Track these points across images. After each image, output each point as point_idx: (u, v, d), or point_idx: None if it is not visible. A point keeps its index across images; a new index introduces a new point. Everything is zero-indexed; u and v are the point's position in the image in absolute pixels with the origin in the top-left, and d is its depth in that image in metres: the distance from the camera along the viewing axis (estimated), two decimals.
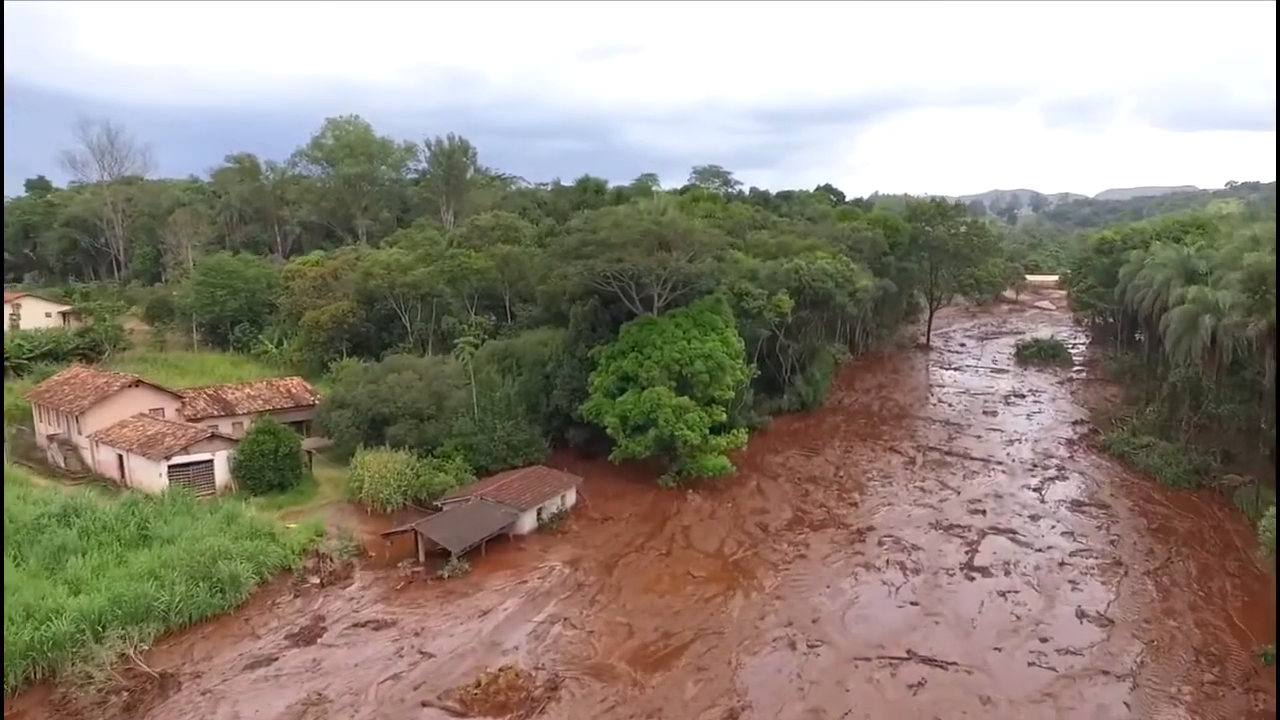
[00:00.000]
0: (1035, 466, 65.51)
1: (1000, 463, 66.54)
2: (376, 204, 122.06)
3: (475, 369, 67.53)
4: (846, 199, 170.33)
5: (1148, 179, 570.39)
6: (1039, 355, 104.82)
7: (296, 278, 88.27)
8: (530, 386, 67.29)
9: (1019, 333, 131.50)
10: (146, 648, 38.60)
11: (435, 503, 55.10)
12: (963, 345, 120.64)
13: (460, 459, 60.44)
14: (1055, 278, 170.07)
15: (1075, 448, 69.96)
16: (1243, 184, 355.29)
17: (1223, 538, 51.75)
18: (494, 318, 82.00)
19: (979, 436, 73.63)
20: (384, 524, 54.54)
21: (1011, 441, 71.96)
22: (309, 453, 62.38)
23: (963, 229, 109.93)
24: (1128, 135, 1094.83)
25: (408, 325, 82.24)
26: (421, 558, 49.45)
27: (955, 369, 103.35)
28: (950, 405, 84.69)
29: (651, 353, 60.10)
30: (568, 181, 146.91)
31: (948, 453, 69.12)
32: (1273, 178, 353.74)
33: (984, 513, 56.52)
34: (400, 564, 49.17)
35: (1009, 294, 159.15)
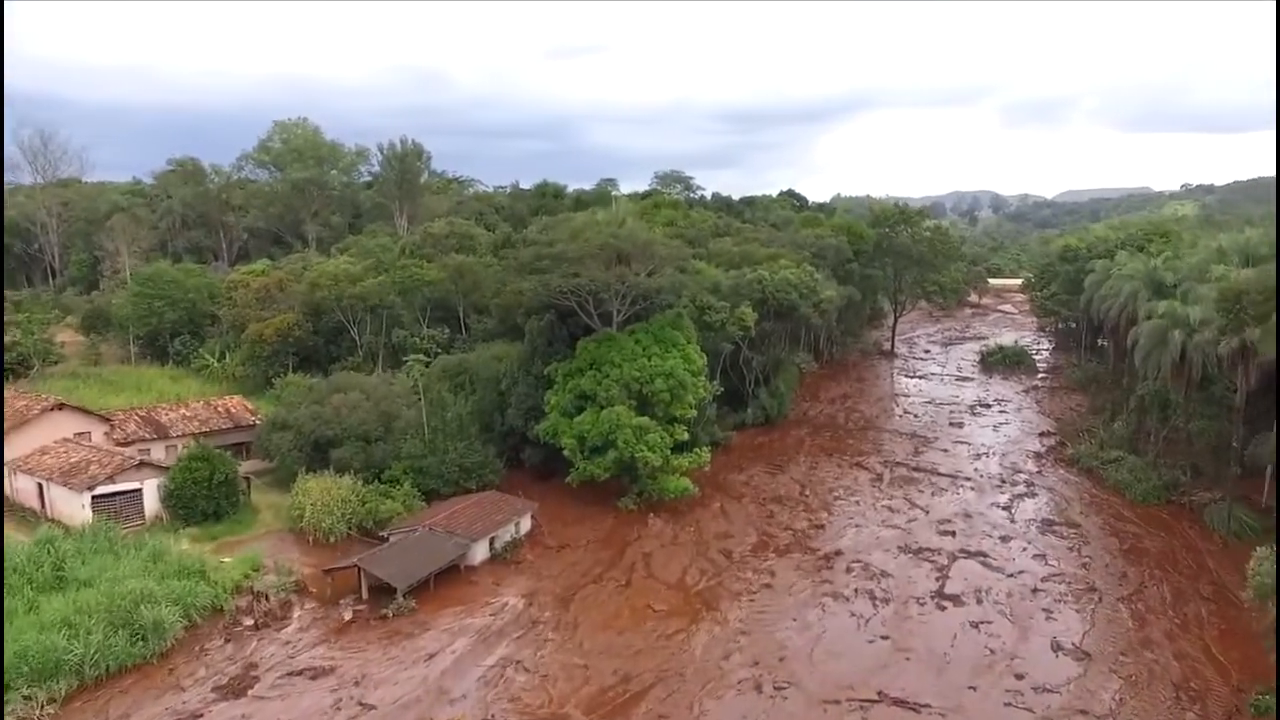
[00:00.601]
0: (1004, 482, 64.06)
1: (968, 479, 65.00)
2: (327, 209, 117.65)
3: (426, 387, 64.59)
4: (809, 203, 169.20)
5: (1105, 181, 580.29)
6: (1003, 362, 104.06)
7: (239, 288, 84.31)
8: (484, 405, 64.50)
9: (982, 338, 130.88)
10: (55, 709, 35.31)
11: (381, 533, 52.15)
12: (927, 351, 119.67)
13: (409, 484, 57.64)
14: (1018, 281, 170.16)
15: (1043, 461, 68.70)
16: (1197, 186, 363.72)
17: (1195, 558, 50.51)
18: (447, 330, 78.86)
19: (946, 450, 72.11)
20: (327, 555, 51.56)
21: (979, 455, 70.55)
22: (247, 478, 59.04)
23: (926, 234, 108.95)
24: (1085, 137, 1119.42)
25: (357, 338, 78.87)
26: (365, 595, 46.55)
27: (920, 377, 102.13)
28: (916, 416, 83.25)
29: (610, 370, 57.61)
30: (530, 183, 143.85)
31: (915, 468, 67.47)
32: (1227, 180, 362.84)
33: (953, 534, 54.82)
34: (342, 601, 46.24)
35: (972, 297, 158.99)
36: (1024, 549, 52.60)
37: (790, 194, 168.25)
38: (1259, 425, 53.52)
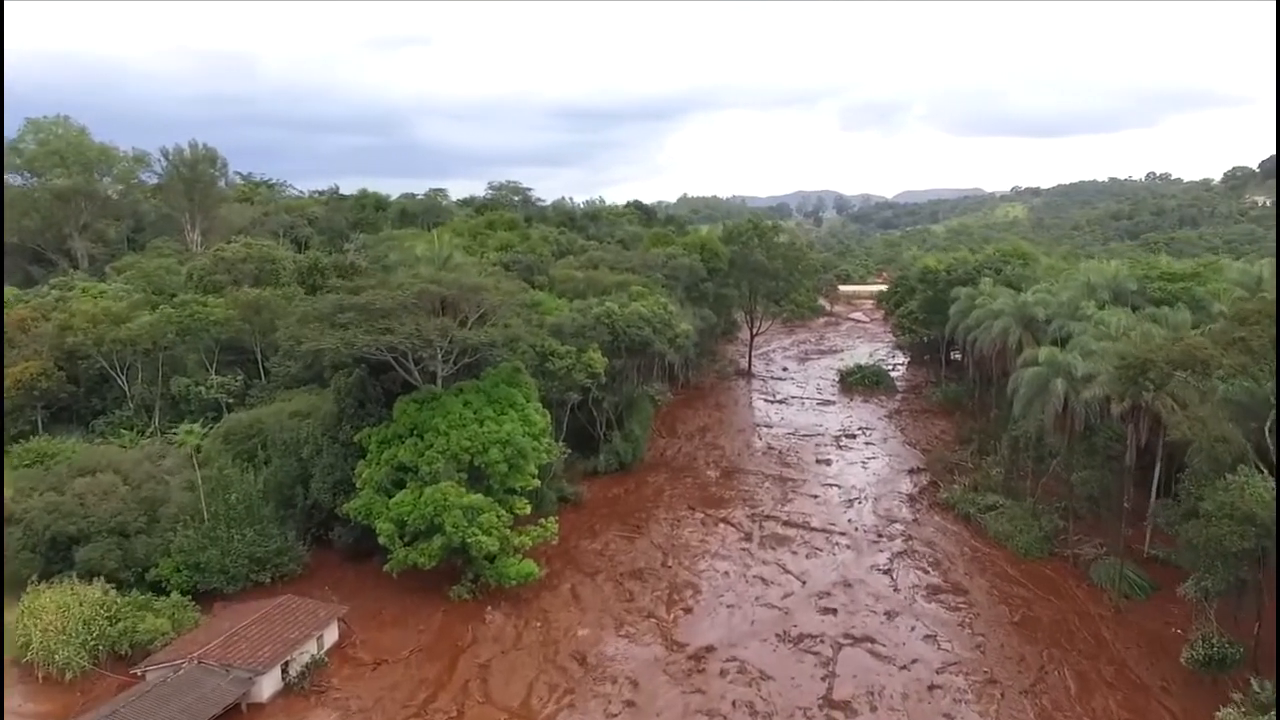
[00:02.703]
0: (880, 536, 58.66)
1: (843, 533, 59.23)
2: (100, 222, 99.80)
3: (207, 457, 52.77)
4: (657, 213, 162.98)
5: (940, 181, 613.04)
6: (863, 382, 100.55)
7: None
8: (282, 476, 53.19)
9: (838, 351, 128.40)
10: None
11: (134, 670, 40.45)
12: (785, 369, 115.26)
13: (180, 590, 46.19)
14: (868, 289, 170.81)
15: (917, 506, 64.00)
16: (1026, 189, 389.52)
17: (1090, 629, 46.15)
18: (241, 375, 66.37)
19: (816, 496, 66.38)
20: (60, 699, 39.70)
21: (851, 501, 65.13)
22: None
23: (781, 251, 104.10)
24: (920, 140, 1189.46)
25: (125, 388, 65.00)
26: None
27: (781, 401, 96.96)
28: (780, 453, 77.40)
29: (434, 439, 47.84)
30: (358, 181, 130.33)
31: (786, 522, 61.15)
32: (1051, 183, 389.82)
33: (835, 612, 48.52)
34: None
35: (823, 304, 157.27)
36: (912, 628, 46.82)
37: (638, 205, 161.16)
38: (1145, 479, 50.17)
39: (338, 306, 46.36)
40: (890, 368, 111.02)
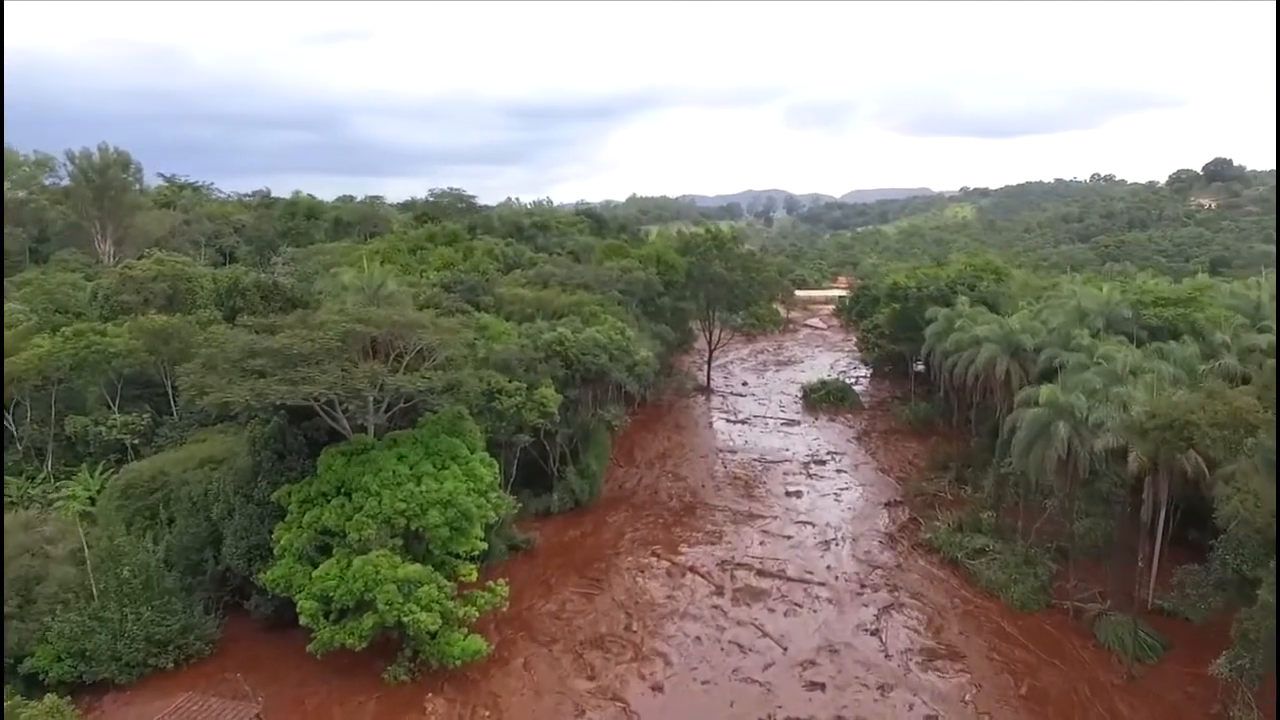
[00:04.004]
0: (863, 587, 53.72)
1: (822, 583, 54.20)
2: None
3: (100, 516, 45.62)
4: (606, 216, 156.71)
5: (889, 181, 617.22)
6: (827, 399, 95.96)
7: None
8: (188, 539, 46.31)
9: (798, 361, 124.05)
10: None
11: None
12: (745, 384, 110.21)
13: (61, 682, 39.23)
14: (825, 294, 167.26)
15: (899, 547, 59.25)
16: (974, 190, 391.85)
17: (1104, 702, 41.69)
18: (150, 412, 58.91)
19: (789, 537, 61.26)
20: None
21: (828, 543, 60.14)
22: None
23: (741, 262, 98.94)
24: (867, 139, 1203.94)
25: (13, 429, 57.17)
26: None
27: (743, 421, 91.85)
28: (747, 483, 72.23)
29: (364, 500, 41.43)
30: (290, 181, 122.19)
31: (760, 570, 55.90)
32: (1000, 184, 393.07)
33: (823, 687, 43.32)
34: None
35: (780, 310, 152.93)
36: (910, 705, 41.83)
37: (588, 213, 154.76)
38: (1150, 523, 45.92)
39: (248, 350, 39.56)
40: (853, 380, 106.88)
